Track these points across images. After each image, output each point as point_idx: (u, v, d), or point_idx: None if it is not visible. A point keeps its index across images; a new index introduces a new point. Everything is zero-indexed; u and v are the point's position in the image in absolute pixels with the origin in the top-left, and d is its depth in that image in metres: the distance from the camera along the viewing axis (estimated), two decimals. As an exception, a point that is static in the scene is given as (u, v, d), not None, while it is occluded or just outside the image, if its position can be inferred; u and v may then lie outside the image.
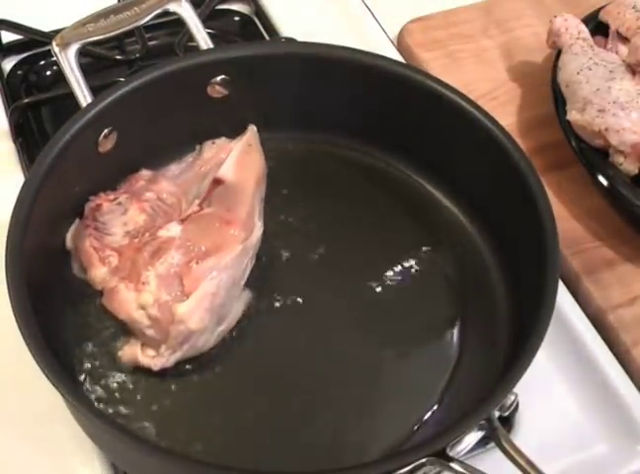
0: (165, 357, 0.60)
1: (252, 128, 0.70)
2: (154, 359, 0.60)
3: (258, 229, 0.65)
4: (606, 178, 0.74)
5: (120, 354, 0.61)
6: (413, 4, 0.93)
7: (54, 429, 0.63)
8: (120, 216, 0.65)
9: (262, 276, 0.66)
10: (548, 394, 0.67)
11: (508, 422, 0.63)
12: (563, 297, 0.71)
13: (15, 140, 0.80)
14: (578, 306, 0.71)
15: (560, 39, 0.82)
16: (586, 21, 0.84)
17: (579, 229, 0.76)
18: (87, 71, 0.69)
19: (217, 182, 0.66)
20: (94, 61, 0.83)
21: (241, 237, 0.63)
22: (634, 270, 0.74)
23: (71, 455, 0.62)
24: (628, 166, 0.74)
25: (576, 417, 0.66)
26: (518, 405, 0.63)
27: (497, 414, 0.55)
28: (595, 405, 0.66)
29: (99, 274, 0.63)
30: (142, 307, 0.59)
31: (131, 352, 0.61)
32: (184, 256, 0.61)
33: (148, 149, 0.69)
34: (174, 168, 0.70)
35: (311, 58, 0.70)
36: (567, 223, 0.76)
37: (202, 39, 0.72)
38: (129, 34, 0.81)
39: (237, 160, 0.67)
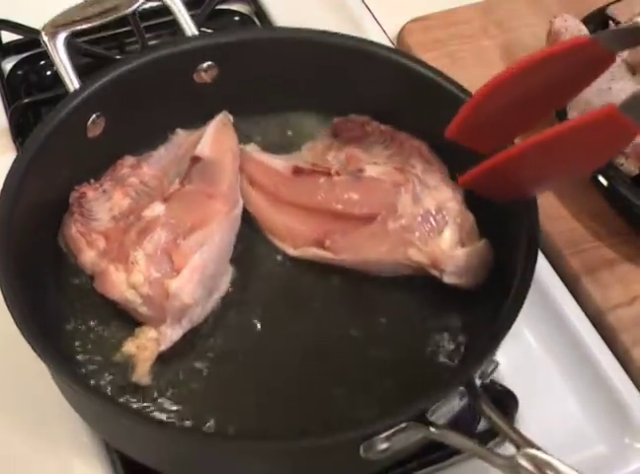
0: (168, 336, 0.60)
1: (224, 112, 0.71)
2: (158, 342, 0.60)
3: (240, 203, 0.66)
4: (606, 178, 0.74)
5: (123, 349, 0.61)
6: (413, 4, 0.93)
7: (54, 427, 0.63)
8: (104, 203, 0.66)
9: (245, 254, 0.67)
10: (548, 394, 0.67)
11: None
12: (563, 297, 0.71)
13: (15, 140, 0.80)
14: (578, 306, 0.71)
15: (560, 40, 0.81)
16: (586, 21, 0.83)
17: (579, 229, 0.76)
18: (87, 71, 0.69)
19: (195, 159, 0.67)
20: (94, 61, 0.83)
21: (225, 210, 0.64)
22: (634, 270, 0.74)
23: (71, 453, 0.62)
24: (629, 166, 0.74)
25: (576, 416, 0.66)
26: (517, 403, 0.63)
27: (479, 382, 0.55)
28: (594, 405, 0.66)
29: (88, 258, 0.63)
30: (133, 287, 0.60)
31: (134, 343, 0.60)
32: (170, 233, 0.62)
33: (136, 135, 0.70)
34: (156, 153, 0.70)
35: (296, 43, 0.70)
36: (567, 223, 0.76)
37: (186, 24, 0.72)
38: (129, 33, 0.81)
39: (213, 137, 0.68)
